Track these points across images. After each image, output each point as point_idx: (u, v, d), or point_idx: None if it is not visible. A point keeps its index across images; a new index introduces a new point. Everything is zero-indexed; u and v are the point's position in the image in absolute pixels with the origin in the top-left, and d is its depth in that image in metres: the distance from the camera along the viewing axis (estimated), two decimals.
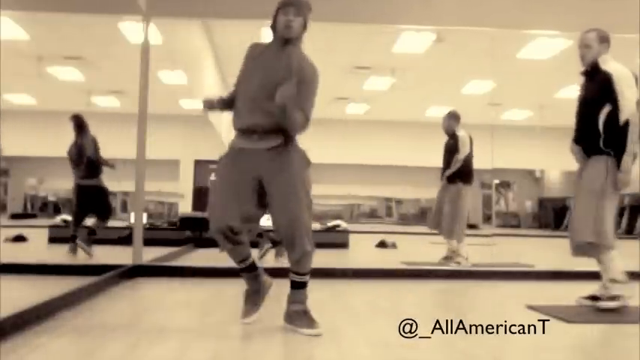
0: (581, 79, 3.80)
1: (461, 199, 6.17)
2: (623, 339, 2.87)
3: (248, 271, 2.96)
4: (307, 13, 2.91)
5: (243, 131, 2.85)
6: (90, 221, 6.24)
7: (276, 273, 4.80)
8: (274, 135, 2.81)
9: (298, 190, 2.79)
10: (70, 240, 6.14)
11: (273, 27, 2.91)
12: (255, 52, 2.95)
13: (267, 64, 2.86)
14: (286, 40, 2.88)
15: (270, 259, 5.95)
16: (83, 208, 6.20)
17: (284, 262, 5.89)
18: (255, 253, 3.27)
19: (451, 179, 6.19)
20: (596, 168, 3.57)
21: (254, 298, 2.96)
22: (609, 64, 3.61)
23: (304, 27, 2.92)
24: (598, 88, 3.58)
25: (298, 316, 2.80)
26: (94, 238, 6.13)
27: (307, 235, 2.78)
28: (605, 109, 3.55)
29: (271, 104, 2.74)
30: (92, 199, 6.18)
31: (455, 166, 6.15)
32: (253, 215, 2.88)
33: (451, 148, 6.25)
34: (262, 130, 2.80)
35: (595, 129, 3.57)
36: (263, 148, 2.80)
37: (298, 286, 2.86)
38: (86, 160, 6.12)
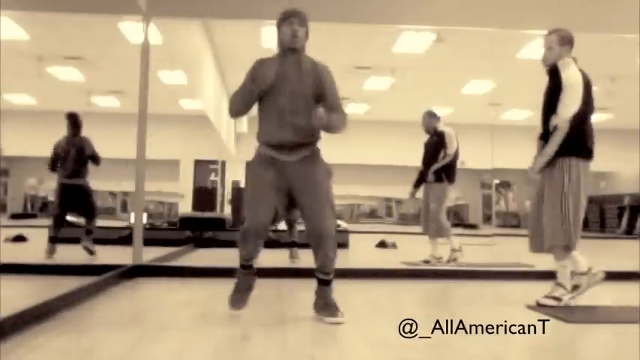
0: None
1: (445, 197, 6.14)
2: (623, 339, 2.87)
3: (249, 268, 3.17)
4: (308, 23, 3.05)
5: (272, 146, 3.04)
6: (80, 221, 6.15)
7: (285, 273, 4.80)
8: (302, 148, 3.04)
9: (324, 200, 3.02)
10: (50, 241, 5.98)
11: (279, 39, 3.03)
12: (267, 67, 3.01)
13: (289, 81, 2.99)
14: (293, 50, 3.01)
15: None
16: (65, 208, 6.09)
17: (295, 262, 5.99)
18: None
19: (438, 177, 6.13)
20: (555, 171, 3.66)
21: (244, 293, 3.16)
22: (567, 69, 3.67)
23: (307, 36, 3.06)
24: (552, 92, 3.69)
25: (324, 307, 3.07)
26: (93, 237, 6.08)
27: (332, 242, 3.03)
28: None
29: (300, 119, 2.96)
30: (78, 198, 6.07)
31: (444, 161, 6.08)
32: (281, 216, 3.17)
33: (434, 146, 6.19)
34: (290, 145, 3.01)
35: (549, 132, 3.69)
36: (293, 160, 3.02)
37: (324, 283, 3.13)
38: (81, 159, 6.04)
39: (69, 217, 6.53)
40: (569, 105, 3.57)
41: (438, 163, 6.12)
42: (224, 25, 8.67)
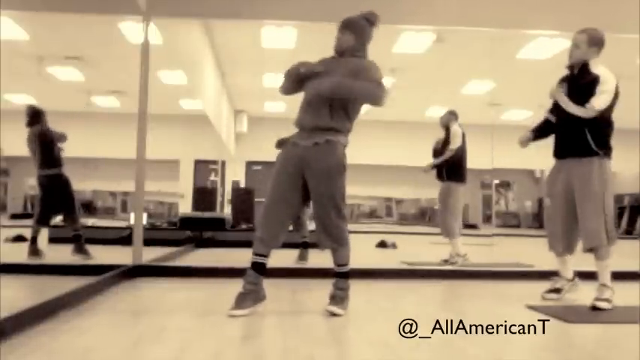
0: (564, 79, 3.85)
1: (451, 197, 6.09)
2: (623, 339, 2.87)
3: (258, 269, 3.18)
4: (357, 28, 3.40)
5: (298, 128, 3.31)
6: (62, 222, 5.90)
7: (285, 273, 4.80)
8: (319, 133, 3.19)
9: (327, 190, 3.20)
10: (31, 242, 5.75)
11: None
12: (321, 61, 3.38)
13: (322, 75, 3.24)
14: (340, 54, 3.36)
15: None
16: (49, 202, 5.84)
17: (302, 265, 5.94)
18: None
19: (440, 177, 6.14)
20: (589, 170, 3.64)
21: (247, 299, 3.14)
22: (600, 67, 3.69)
23: (355, 40, 3.36)
24: (586, 91, 3.63)
25: (334, 298, 3.24)
26: (85, 238, 5.85)
27: (333, 231, 3.26)
28: None
29: (320, 107, 3.18)
30: (56, 190, 5.83)
31: (445, 157, 6.07)
32: (298, 210, 3.39)
33: (442, 143, 6.19)
34: (309, 128, 3.23)
35: (583, 131, 3.65)
36: (309, 144, 3.20)
37: (338, 276, 3.34)
38: (45, 150, 5.93)
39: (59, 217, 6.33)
40: (604, 98, 3.58)
41: (438, 159, 6.11)
42: (224, 25, 8.66)
